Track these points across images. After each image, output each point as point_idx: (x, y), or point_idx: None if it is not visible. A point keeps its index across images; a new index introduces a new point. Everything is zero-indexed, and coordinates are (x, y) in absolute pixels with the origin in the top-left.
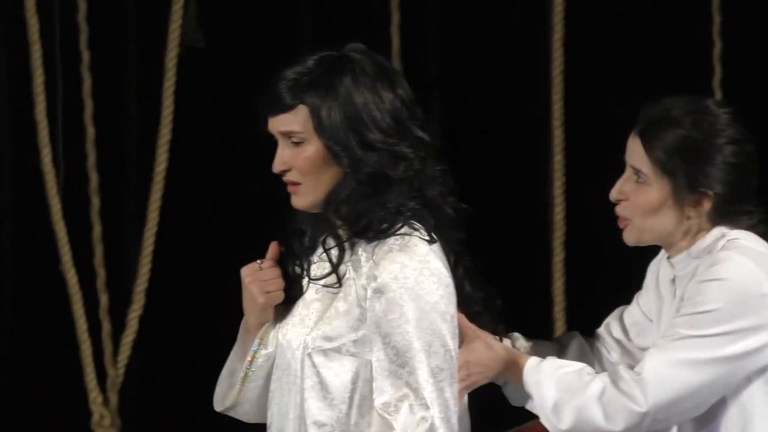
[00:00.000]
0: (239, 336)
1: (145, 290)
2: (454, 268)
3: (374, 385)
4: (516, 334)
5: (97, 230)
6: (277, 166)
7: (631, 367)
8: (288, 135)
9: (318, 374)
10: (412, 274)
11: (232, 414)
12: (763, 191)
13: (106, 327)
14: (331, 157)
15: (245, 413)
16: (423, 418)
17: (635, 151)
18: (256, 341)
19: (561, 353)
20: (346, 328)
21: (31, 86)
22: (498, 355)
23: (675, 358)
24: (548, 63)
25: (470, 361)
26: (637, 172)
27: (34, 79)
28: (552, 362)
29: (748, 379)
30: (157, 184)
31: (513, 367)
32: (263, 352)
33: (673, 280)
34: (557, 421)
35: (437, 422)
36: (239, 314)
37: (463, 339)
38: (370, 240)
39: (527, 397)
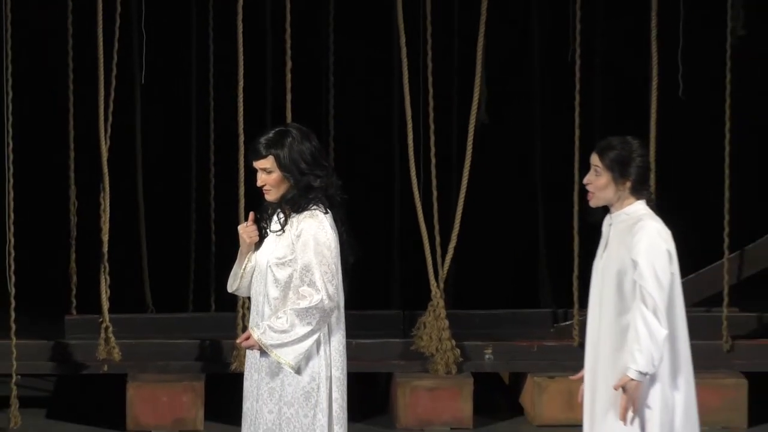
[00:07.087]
0: (238, 255)
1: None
2: (339, 227)
3: (297, 280)
4: None
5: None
6: (259, 183)
7: None
8: (264, 169)
9: (273, 274)
10: (314, 228)
11: (236, 293)
12: None
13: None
14: (284, 178)
15: (242, 292)
16: (318, 297)
17: None
18: (246, 258)
19: None
20: (286, 253)
21: None
22: None
23: None
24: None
25: None
26: None
27: None
28: None
29: None
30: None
31: None
32: (250, 264)
33: None
34: None
35: (324, 296)
36: None
37: None
38: (298, 213)
39: None
